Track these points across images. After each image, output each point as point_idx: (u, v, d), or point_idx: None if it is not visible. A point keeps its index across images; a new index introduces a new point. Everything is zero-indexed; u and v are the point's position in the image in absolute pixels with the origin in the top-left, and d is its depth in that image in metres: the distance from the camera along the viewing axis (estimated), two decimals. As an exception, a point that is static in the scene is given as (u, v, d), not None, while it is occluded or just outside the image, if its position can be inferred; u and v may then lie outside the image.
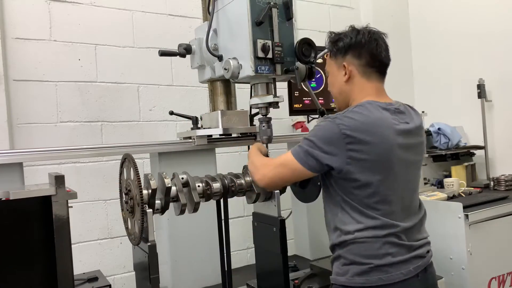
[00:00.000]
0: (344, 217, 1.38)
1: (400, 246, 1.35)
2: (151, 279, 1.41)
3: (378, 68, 1.47)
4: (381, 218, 1.34)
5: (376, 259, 1.32)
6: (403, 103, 1.51)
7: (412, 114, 1.48)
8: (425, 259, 1.41)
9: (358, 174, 1.32)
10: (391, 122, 1.36)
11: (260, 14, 1.58)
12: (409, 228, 1.40)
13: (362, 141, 1.30)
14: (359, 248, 1.34)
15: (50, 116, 2.39)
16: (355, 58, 1.46)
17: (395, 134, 1.35)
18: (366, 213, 1.35)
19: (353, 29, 1.49)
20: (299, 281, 1.98)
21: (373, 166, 1.32)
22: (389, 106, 1.41)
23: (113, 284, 2.42)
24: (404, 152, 1.38)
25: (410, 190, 1.44)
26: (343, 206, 1.39)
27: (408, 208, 1.43)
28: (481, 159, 3.13)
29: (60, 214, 1.40)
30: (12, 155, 1.59)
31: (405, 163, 1.39)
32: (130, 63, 2.62)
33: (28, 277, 1.41)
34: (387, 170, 1.34)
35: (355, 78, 1.46)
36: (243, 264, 2.70)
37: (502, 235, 2.35)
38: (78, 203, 2.29)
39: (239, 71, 1.63)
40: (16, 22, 2.32)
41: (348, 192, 1.36)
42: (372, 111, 1.35)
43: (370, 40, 1.44)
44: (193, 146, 1.93)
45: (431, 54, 3.57)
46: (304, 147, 1.36)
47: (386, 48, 1.48)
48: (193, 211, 1.59)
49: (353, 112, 1.35)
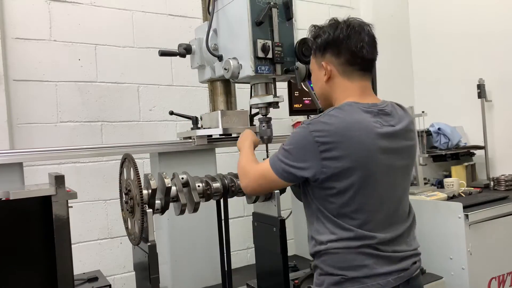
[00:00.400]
0: (319, 227, 1.32)
1: (378, 258, 1.25)
2: (151, 279, 1.41)
3: (360, 66, 1.34)
4: (355, 230, 1.25)
5: (350, 271, 1.25)
6: (392, 103, 1.39)
7: (400, 115, 1.35)
8: (409, 271, 1.29)
9: (333, 182, 1.24)
10: (371, 125, 1.24)
11: (260, 14, 1.58)
12: (391, 239, 1.28)
13: (336, 147, 1.21)
14: (332, 259, 1.27)
15: (50, 116, 2.39)
16: (334, 56, 1.33)
17: (375, 138, 1.24)
18: (340, 224, 1.26)
19: (332, 23, 1.35)
20: (299, 281, 1.98)
21: (349, 172, 1.22)
22: (372, 107, 1.29)
23: (113, 284, 2.41)
24: (387, 156, 1.26)
25: (395, 197, 1.32)
26: (318, 216, 1.32)
27: (392, 217, 1.31)
28: (481, 159, 3.13)
29: (60, 214, 1.40)
30: (12, 155, 1.59)
31: (388, 168, 1.27)
32: (130, 63, 2.61)
33: (28, 277, 1.41)
34: (365, 177, 1.23)
35: (336, 78, 1.35)
36: (243, 264, 2.71)
37: (502, 235, 2.35)
38: (78, 203, 2.29)
39: (239, 71, 1.64)
40: (16, 22, 2.31)
41: (324, 200, 1.28)
42: (350, 114, 1.25)
43: (349, 34, 1.31)
44: (193, 146, 1.94)
45: (431, 54, 3.57)
46: (280, 158, 1.31)
47: (370, 41, 1.34)
48: (193, 211, 1.59)
49: (329, 115, 1.25)
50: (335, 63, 1.35)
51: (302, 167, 1.26)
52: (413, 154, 1.40)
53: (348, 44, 1.31)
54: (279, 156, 1.32)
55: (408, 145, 1.35)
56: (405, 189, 1.38)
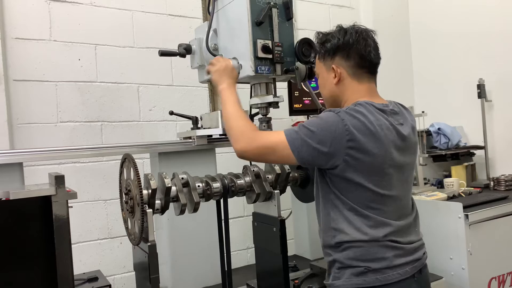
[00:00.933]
0: (336, 216, 1.35)
1: (396, 249, 1.33)
2: (151, 279, 1.41)
3: (368, 69, 1.42)
4: (375, 217, 1.31)
5: (373, 263, 1.31)
6: (395, 102, 1.47)
7: (405, 114, 1.45)
8: (421, 260, 1.40)
9: (352, 173, 1.29)
10: (389, 125, 1.33)
11: (260, 14, 1.58)
12: (404, 227, 1.38)
13: (362, 142, 1.26)
14: (355, 253, 1.31)
15: (50, 116, 2.39)
16: (343, 59, 1.41)
17: (394, 136, 1.33)
18: (359, 211, 1.31)
19: (340, 29, 1.43)
20: (299, 281, 1.98)
21: (369, 168, 1.29)
22: (385, 107, 1.37)
23: (113, 284, 2.42)
24: (400, 155, 1.35)
25: (404, 191, 1.41)
26: (336, 204, 1.34)
27: (402, 209, 1.40)
28: (481, 159, 3.13)
29: (60, 214, 1.39)
30: (12, 155, 1.59)
31: (401, 164, 1.37)
32: (130, 63, 2.61)
33: (28, 277, 1.41)
34: (382, 172, 1.31)
35: (346, 80, 1.42)
36: (243, 264, 2.71)
37: (502, 235, 2.35)
38: (78, 203, 2.30)
39: (239, 71, 1.64)
40: (16, 22, 2.31)
41: (342, 189, 1.33)
42: (372, 113, 1.31)
43: (358, 39, 1.39)
44: (193, 146, 1.94)
45: (431, 54, 3.57)
46: (302, 136, 1.29)
47: (375, 46, 1.43)
48: (193, 211, 1.59)
49: (354, 110, 1.30)
50: (345, 66, 1.41)
51: (325, 151, 1.27)
52: (417, 150, 1.51)
53: (357, 47, 1.39)
54: (301, 133, 1.30)
55: (414, 142, 1.45)
56: (411, 184, 1.47)
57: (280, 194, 1.70)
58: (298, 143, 1.29)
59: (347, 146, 1.27)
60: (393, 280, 1.30)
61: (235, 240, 2.18)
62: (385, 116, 1.34)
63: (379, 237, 1.31)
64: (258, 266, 1.88)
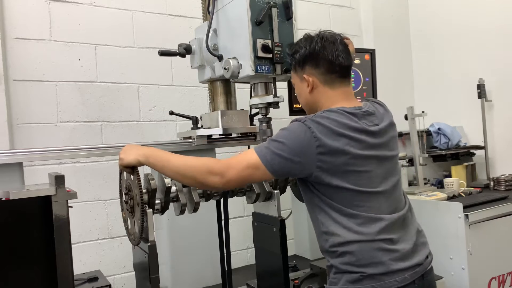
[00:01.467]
0: (324, 219, 1.35)
1: (393, 252, 1.30)
2: (151, 279, 1.41)
3: (339, 73, 1.42)
4: (362, 214, 1.31)
5: (369, 268, 1.28)
6: (372, 101, 1.49)
7: (382, 113, 1.45)
8: (423, 265, 1.36)
9: (329, 178, 1.30)
10: (358, 126, 1.33)
11: (260, 13, 1.58)
12: (398, 220, 1.35)
13: (330, 146, 1.28)
14: (349, 258, 1.30)
15: (50, 116, 2.39)
16: (313, 68, 1.42)
17: (364, 135, 1.33)
18: (346, 211, 1.31)
19: (307, 38, 1.45)
20: (299, 281, 1.98)
21: (343, 169, 1.30)
22: (357, 110, 1.37)
23: (113, 284, 2.42)
24: (375, 150, 1.35)
25: (389, 185, 1.39)
26: (322, 207, 1.35)
27: (392, 203, 1.38)
28: (481, 159, 3.13)
29: (60, 214, 1.39)
30: (12, 155, 1.59)
31: (376, 160, 1.36)
32: (130, 63, 2.61)
33: (28, 277, 1.41)
34: (357, 171, 1.31)
35: (319, 87, 1.43)
36: (243, 264, 2.71)
37: (502, 235, 2.35)
38: (78, 203, 2.29)
39: (239, 70, 1.64)
40: (16, 22, 2.31)
41: (324, 192, 1.34)
42: (340, 117, 1.32)
43: (324, 45, 1.40)
44: (193, 146, 1.93)
45: (431, 54, 3.57)
46: (272, 149, 1.30)
47: (344, 49, 1.42)
48: (193, 211, 1.59)
49: (321, 117, 1.32)
50: (316, 74, 1.43)
51: (297, 161, 1.29)
52: (397, 145, 1.51)
53: (324, 54, 1.40)
54: (271, 147, 1.31)
55: (393, 137, 1.46)
56: (396, 178, 1.45)
57: (280, 194, 1.70)
58: (269, 157, 1.30)
59: (317, 152, 1.28)
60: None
61: (235, 240, 2.19)
62: (356, 119, 1.34)
63: (372, 234, 1.29)
64: (258, 266, 1.88)
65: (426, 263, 1.38)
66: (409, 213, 1.45)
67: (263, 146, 1.33)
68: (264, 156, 1.30)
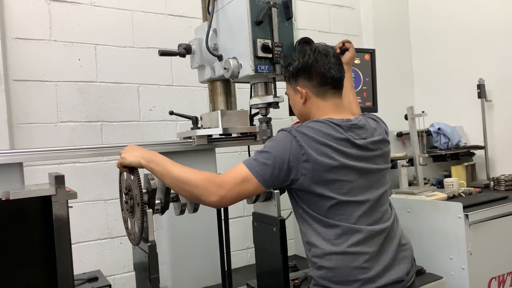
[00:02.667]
0: (306, 230, 1.40)
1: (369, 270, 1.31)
2: (151, 279, 1.41)
3: (332, 85, 1.45)
4: (343, 225, 1.33)
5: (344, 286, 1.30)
6: (366, 116, 1.51)
7: (373, 128, 1.46)
8: (403, 283, 1.35)
9: (313, 186, 1.32)
10: (343, 137, 1.35)
11: (259, 13, 1.59)
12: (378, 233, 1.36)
13: (313, 155, 1.30)
14: (326, 273, 1.33)
15: (50, 116, 2.39)
16: (306, 80, 1.45)
17: (347, 147, 1.35)
18: (326, 222, 1.34)
19: (300, 51, 1.48)
20: (299, 281, 1.98)
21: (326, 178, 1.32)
22: (345, 122, 1.39)
23: (113, 284, 2.42)
24: (359, 162, 1.37)
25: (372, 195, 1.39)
26: (305, 218, 1.39)
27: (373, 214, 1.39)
28: (481, 159, 3.13)
29: (60, 214, 1.40)
30: (12, 155, 1.59)
31: (361, 171, 1.37)
32: (130, 63, 2.61)
33: (28, 277, 1.41)
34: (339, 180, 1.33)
35: (312, 99, 1.46)
36: (243, 264, 2.71)
37: (502, 235, 2.35)
38: (78, 203, 2.29)
39: (239, 70, 1.64)
40: (16, 22, 2.31)
41: (307, 202, 1.36)
42: (325, 127, 1.35)
43: (316, 59, 1.42)
44: (193, 146, 1.93)
45: (431, 54, 3.57)
46: (260, 160, 1.32)
47: (336, 62, 1.45)
48: (193, 211, 1.60)
49: (306, 126, 1.36)
50: (309, 86, 1.46)
51: (285, 168, 1.32)
52: (389, 160, 1.52)
53: (317, 67, 1.43)
54: (259, 158, 1.33)
55: (382, 153, 1.46)
56: (384, 189, 1.45)
57: (280, 194, 1.70)
58: (259, 168, 1.32)
59: (302, 160, 1.31)
60: None
61: (235, 240, 2.19)
62: (341, 130, 1.37)
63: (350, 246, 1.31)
64: (258, 266, 1.88)
65: (407, 280, 1.37)
66: (395, 225, 1.45)
67: (251, 159, 1.35)
68: (253, 168, 1.32)
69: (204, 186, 1.31)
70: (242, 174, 1.32)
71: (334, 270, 1.31)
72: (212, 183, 1.31)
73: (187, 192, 1.34)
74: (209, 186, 1.31)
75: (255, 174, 1.31)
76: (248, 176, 1.31)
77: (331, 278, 1.32)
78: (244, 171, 1.32)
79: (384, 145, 1.48)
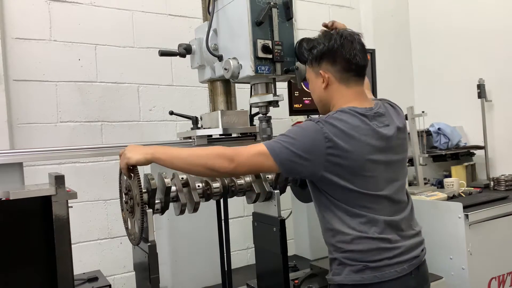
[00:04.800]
0: (330, 217, 1.40)
1: (395, 250, 1.37)
2: (151, 279, 1.41)
3: (356, 72, 1.43)
4: (367, 215, 1.35)
5: (371, 263, 1.34)
6: (383, 102, 1.51)
7: (392, 115, 1.47)
8: (419, 258, 1.43)
9: (336, 178, 1.33)
10: (370, 128, 1.36)
11: (260, 14, 1.59)
12: (399, 222, 1.41)
13: (341, 147, 1.30)
14: (354, 255, 1.35)
15: (50, 116, 2.39)
16: (330, 64, 1.42)
17: (373, 139, 1.36)
18: (351, 211, 1.36)
19: (325, 35, 1.46)
20: (299, 281, 1.98)
21: (351, 171, 1.33)
22: (369, 111, 1.39)
23: (113, 284, 2.42)
24: (383, 155, 1.38)
25: (394, 188, 1.43)
26: (328, 206, 1.39)
27: (395, 205, 1.43)
28: (481, 159, 3.13)
29: (60, 214, 1.40)
30: (12, 155, 1.59)
31: (384, 165, 1.39)
32: (130, 63, 2.61)
33: (28, 277, 1.41)
34: (365, 175, 1.35)
35: (334, 84, 1.44)
36: (243, 264, 2.71)
37: (502, 235, 2.35)
38: (78, 203, 2.29)
39: (239, 71, 1.64)
40: (16, 22, 2.31)
41: (331, 192, 1.37)
42: (352, 118, 1.35)
43: (343, 44, 1.40)
44: (193, 146, 1.93)
45: (431, 54, 3.57)
46: (282, 143, 1.32)
47: (361, 49, 1.43)
48: (193, 211, 1.59)
49: (334, 118, 1.35)
50: (332, 71, 1.43)
51: (305, 157, 1.31)
52: (407, 148, 1.54)
53: (342, 52, 1.40)
54: (281, 141, 1.32)
55: (402, 141, 1.48)
56: (402, 180, 1.48)
57: (280, 194, 1.70)
58: (278, 150, 1.31)
59: (327, 153, 1.30)
60: (390, 277, 1.34)
61: (235, 240, 2.18)
62: (367, 120, 1.37)
63: (375, 233, 1.35)
64: (258, 266, 1.88)
65: (422, 255, 1.46)
66: (411, 214, 1.50)
67: (272, 141, 1.35)
68: (272, 148, 1.32)
69: (218, 154, 1.33)
70: (260, 149, 1.33)
71: (362, 251, 1.35)
72: (226, 150, 1.34)
73: (200, 166, 1.34)
74: (224, 153, 1.32)
75: (272, 153, 1.31)
76: (265, 153, 1.31)
77: (358, 257, 1.35)
78: (262, 147, 1.32)
79: (403, 132, 1.49)
